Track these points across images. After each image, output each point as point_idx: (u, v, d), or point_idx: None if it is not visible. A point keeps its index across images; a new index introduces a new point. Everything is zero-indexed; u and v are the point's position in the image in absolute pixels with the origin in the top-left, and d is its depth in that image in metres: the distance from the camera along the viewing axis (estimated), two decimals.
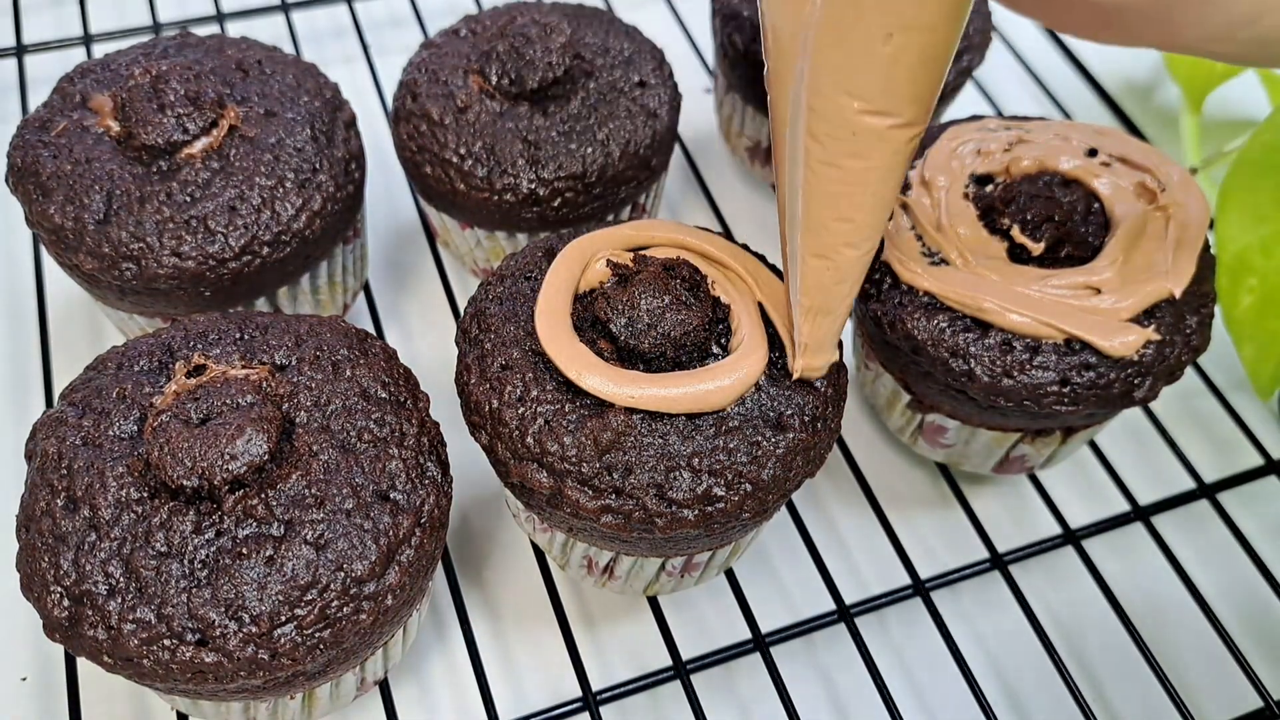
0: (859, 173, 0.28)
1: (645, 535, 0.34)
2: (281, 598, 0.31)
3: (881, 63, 0.26)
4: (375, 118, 0.63)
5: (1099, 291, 0.38)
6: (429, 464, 0.35)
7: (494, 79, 0.46)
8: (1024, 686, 0.45)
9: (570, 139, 0.45)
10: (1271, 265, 0.47)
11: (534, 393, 0.34)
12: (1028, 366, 0.38)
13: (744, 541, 0.41)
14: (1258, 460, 0.51)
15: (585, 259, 0.36)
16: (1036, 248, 0.40)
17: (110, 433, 0.33)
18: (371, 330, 0.50)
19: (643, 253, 0.37)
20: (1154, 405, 0.53)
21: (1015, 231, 0.40)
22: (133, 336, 0.45)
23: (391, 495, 0.33)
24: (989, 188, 0.42)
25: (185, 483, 0.31)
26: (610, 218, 0.48)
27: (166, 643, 0.30)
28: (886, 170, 0.29)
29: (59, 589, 0.31)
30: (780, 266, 0.36)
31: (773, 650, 0.44)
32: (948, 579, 0.45)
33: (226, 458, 0.31)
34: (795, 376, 0.34)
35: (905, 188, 0.43)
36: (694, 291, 0.36)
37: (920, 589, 0.44)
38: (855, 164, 0.28)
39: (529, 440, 0.34)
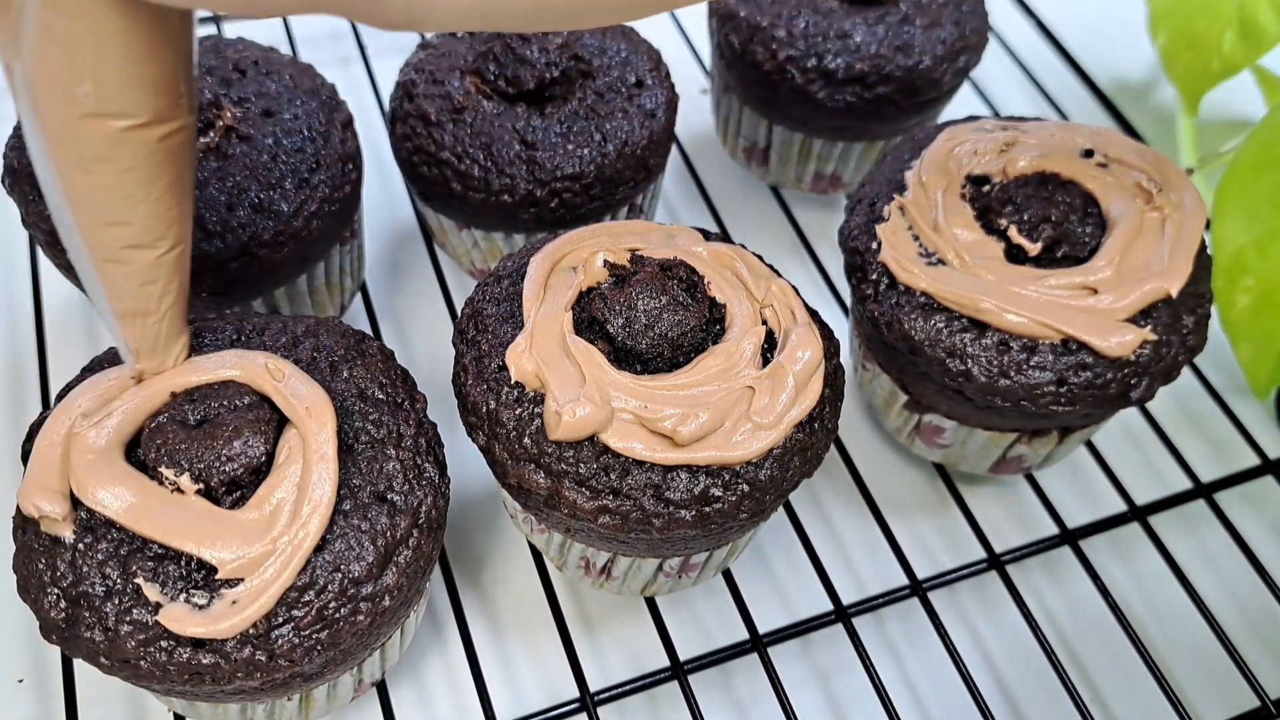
0: (115, 176, 0.27)
1: (642, 536, 0.34)
2: (278, 599, 0.31)
3: (90, 64, 0.24)
4: (372, 119, 0.63)
5: (1096, 291, 0.38)
6: (426, 465, 0.35)
7: (491, 79, 0.46)
8: (1021, 686, 0.45)
9: (567, 139, 0.45)
10: (1268, 265, 0.47)
11: (531, 393, 0.34)
12: (1024, 367, 0.38)
13: (741, 542, 0.41)
14: (1254, 460, 0.51)
15: (551, 266, 0.37)
16: (1033, 248, 0.40)
17: None
18: (369, 331, 0.50)
19: (640, 252, 0.37)
20: (1151, 405, 0.53)
21: (1012, 232, 0.40)
22: None
23: (389, 496, 0.33)
24: (986, 188, 0.42)
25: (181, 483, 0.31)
26: (608, 218, 0.48)
27: (163, 644, 0.30)
28: (150, 172, 0.27)
29: (56, 590, 0.31)
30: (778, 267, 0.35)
31: (770, 651, 0.44)
32: (945, 579, 0.45)
33: (224, 459, 0.31)
34: (134, 379, 0.33)
35: (902, 189, 0.43)
36: (691, 292, 0.36)
37: (917, 589, 0.44)
38: (106, 169, 0.26)
39: (526, 441, 0.34)
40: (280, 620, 0.30)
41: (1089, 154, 0.43)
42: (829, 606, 0.45)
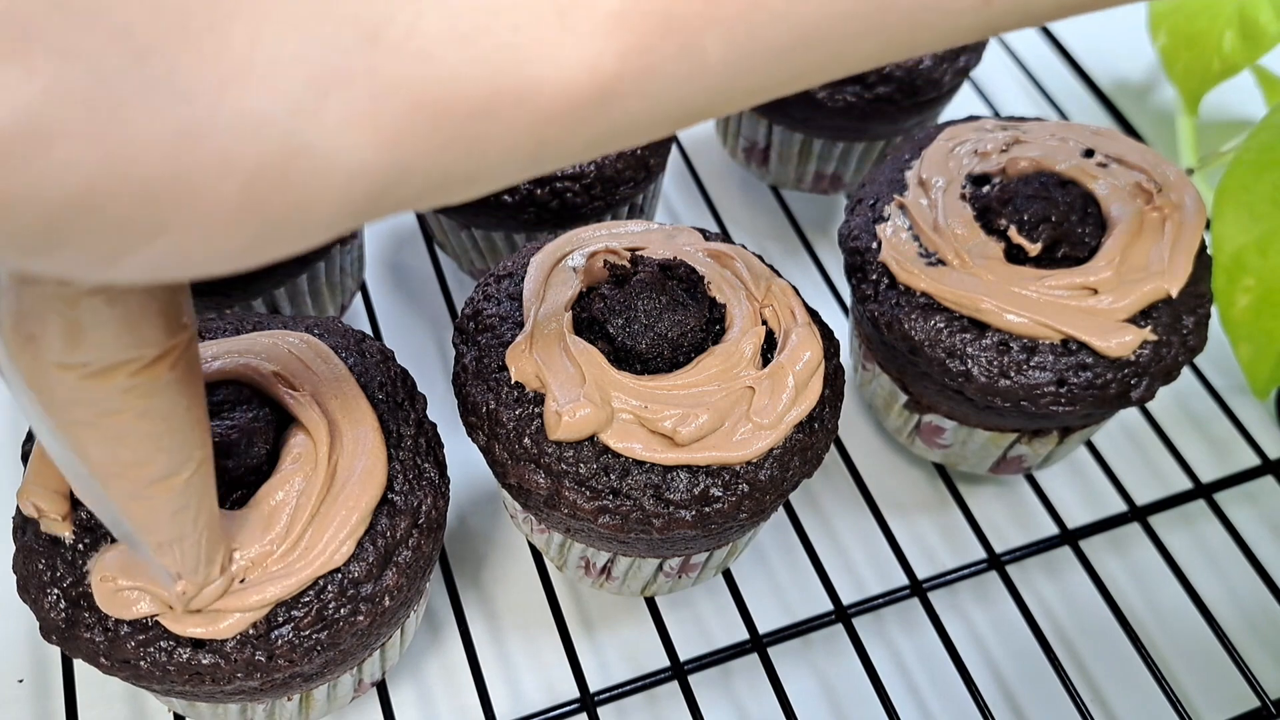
0: (130, 422, 0.23)
1: (642, 536, 0.34)
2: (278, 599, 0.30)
3: (87, 324, 0.21)
4: None
5: (1096, 292, 0.38)
6: (426, 465, 0.35)
7: None
8: (1021, 686, 0.45)
9: None
10: (1268, 265, 0.47)
11: (531, 393, 0.34)
12: (1024, 367, 0.38)
13: (741, 542, 0.41)
14: (1254, 460, 0.51)
15: (551, 265, 0.37)
16: (1033, 248, 0.40)
17: None
18: (369, 331, 0.50)
19: (640, 252, 0.37)
20: (1151, 405, 0.53)
21: (1012, 232, 0.40)
22: None
23: (388, 496, 0.33)
24: (986, 188, 0.42)
25: None
26: (608, 218, 0.48)
27: (163, 644, 0.30)
28: (167, 402, 0.24)
29: (56, 591, 0.31)
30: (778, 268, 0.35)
31: (770, 651, 0.44)
32: (945, 579, 0.45)
33: (223, 459, 0.31)
34: (180, 608, 0.29)
35: (902, 189, 0.43)
36: (691, 292, 0.36)
37: (918, 589, 0.44)
38: (119, 418, 0.23)
39: (526, 441, 0.34)
40: (280, 620, 0.30)
41: (1089, 154, 0.42)
42: (829, 606, 0.45)
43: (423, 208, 0.20)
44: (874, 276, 0.41)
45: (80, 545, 0.31)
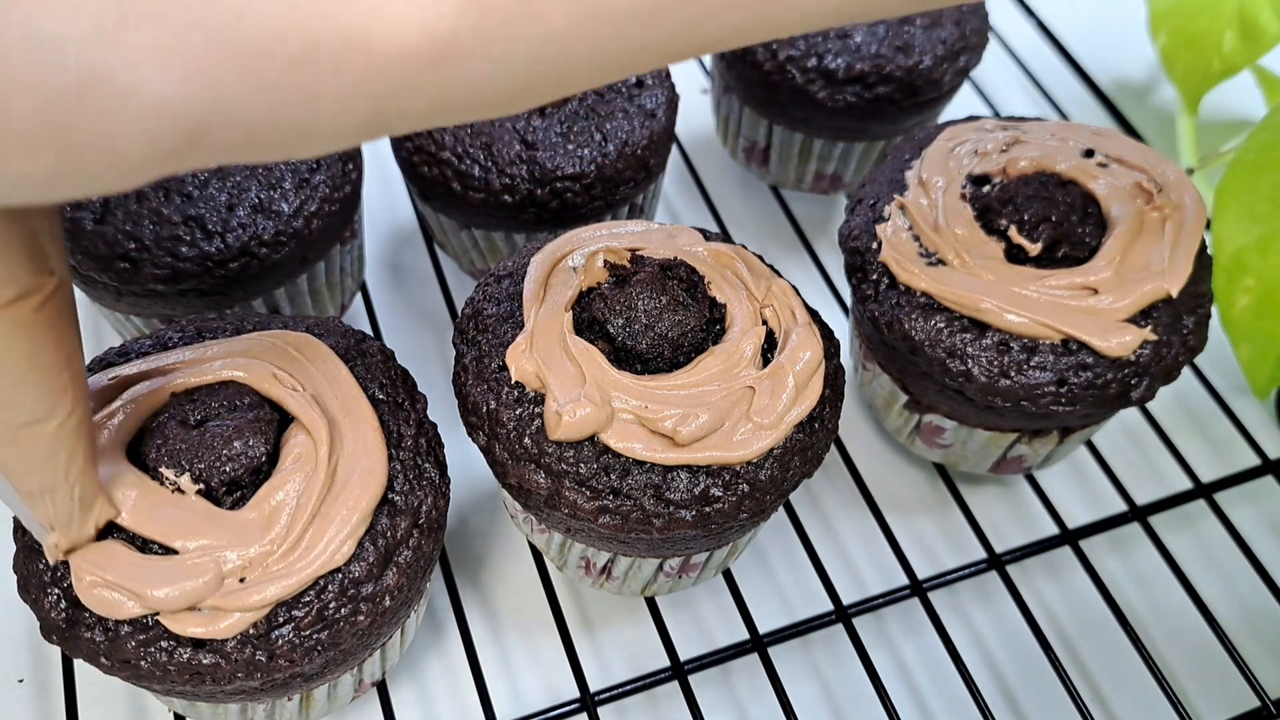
0: None
1: (643, 536, 0.34)
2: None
3: None
4: None
5: (1096, 292, 0.38)
6: (426, 465, 0.35)
7: None
8: (1021, 686, 0.45)
9: (568, 139, 0.45)
10: (1268, 265, 0.47)
11: (531, 393, 0.34)
12: (1025, 367, 0.38)
13: (742, 542, 0.41)
14: (1254, 460, 0.51)
15: (550, 266, 0.37)
16: (1034, 248, 0.40)
17: None
18: (369, 331, 0.50)
19: (640, 252, 0.37)
20: (1151, 405, 0.53)
21: (1012, 232, 0.40)
22: (130, 338, 0.45)
23: (389, 496, 0.33)
24: (986, 188, 0.42)
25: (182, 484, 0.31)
26: (608, 218, 0.48)
27: (164, 644, 0.30)
28: (30, 346, 0.24)
29: (56, 591, 0.31)
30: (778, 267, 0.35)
31: (770, 651, 0.44)
32: (945, 579, 0.45)
33: (224, 459, 0.31)
34: (53, 560, 0.29)
35: (902, 189, 0.43)
36: (691, 292, 0.36)
37: (918, 589, 0.44)
38: None
39: (526, 441, 0.34)
40: (280, 620, 0.30)
41: (1089, 154, 0.42)
42: (829, 606, 0.45)
43: (263, 157, 0.20)
44: (874, 276, 0.41)
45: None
